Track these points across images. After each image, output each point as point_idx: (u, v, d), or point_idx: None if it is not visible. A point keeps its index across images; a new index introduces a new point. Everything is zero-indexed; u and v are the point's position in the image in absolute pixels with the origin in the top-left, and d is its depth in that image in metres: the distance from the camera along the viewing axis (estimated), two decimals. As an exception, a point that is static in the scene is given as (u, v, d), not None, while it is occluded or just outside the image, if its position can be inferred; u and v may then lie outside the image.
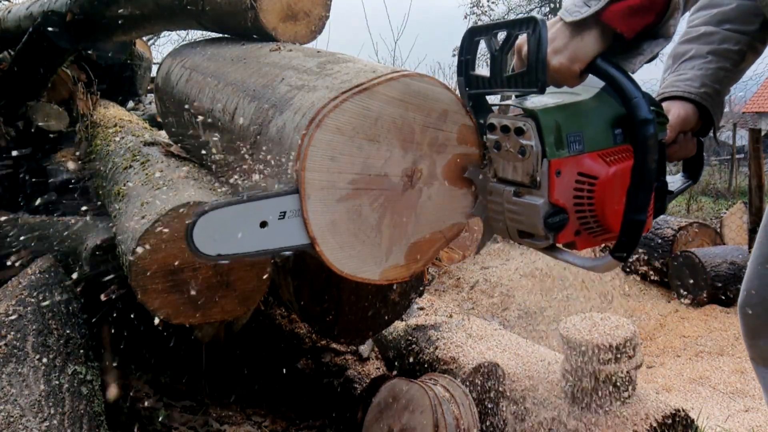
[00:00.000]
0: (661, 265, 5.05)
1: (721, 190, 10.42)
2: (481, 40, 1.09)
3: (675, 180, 1.37)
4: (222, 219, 1.02)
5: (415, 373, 2.15)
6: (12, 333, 1.55)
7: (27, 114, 3.05)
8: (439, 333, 2.23)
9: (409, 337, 2.27)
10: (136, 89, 4.09)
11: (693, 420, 1.89)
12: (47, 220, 2.31)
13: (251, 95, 1.35)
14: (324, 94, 1.08)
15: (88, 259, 1.76)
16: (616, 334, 1.86)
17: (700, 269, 4.61)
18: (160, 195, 1.47)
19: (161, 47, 11.73)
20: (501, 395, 1.95)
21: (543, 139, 1.01)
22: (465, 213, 1.18)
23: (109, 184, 1.96)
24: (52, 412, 1.41)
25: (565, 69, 1.01)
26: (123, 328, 1.67)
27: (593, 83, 1.06)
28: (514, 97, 1.12)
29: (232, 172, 1.43)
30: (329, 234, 1.06)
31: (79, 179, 2.77)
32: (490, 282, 4.71)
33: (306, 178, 1.01)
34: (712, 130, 1.37)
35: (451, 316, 2.40)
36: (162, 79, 2.08)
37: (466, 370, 1.98)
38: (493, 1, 20.33)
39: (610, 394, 1.84)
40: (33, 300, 1.66)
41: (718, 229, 5.72)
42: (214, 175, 1.66)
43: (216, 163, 1.54)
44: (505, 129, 1.06)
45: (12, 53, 3.18)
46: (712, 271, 4.55)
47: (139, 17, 2.29)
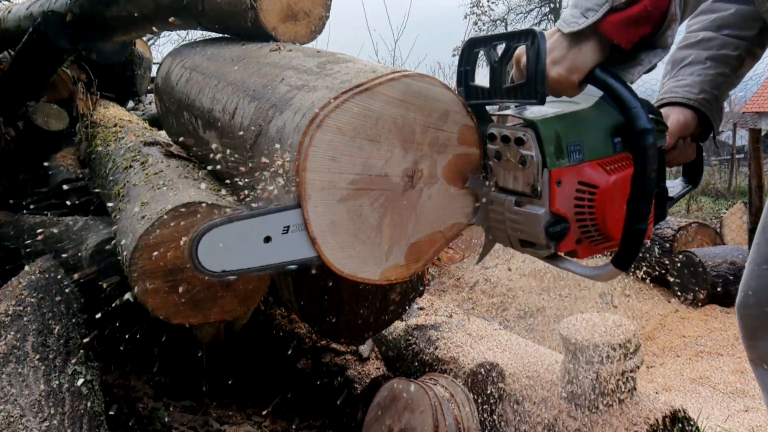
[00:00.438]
0: (661, 265, 5.05)
1: (721, 190, 10.42)
2: (481, 51, 1.09)
3: (675, 185, 1.38)
4: (225, 235, 1.03)
5: (415, 373, 2.15)
6: (12, 333, 1.54)
7: (27, 114, 3.05)
8: (439, 333, 2.23)
9: (409, 337, 2.27)
10: (136, 89, 4.09)
11: (693, 420, 1.89)
12: (47, 220, 2.31)
13: (251, 95, 1.35)
14: (324, 94, 1.08)
15: (88, 259, 1.76)
16: (616, 334, 1.86)
17: (700, 269, 4.61)
18: (160, 195, 1.47)
19: (161, 47, 11.75)
20: (501, 395, 1.95)
21: (543, 149, 1.02)
22: (465, 213, 1.18)
23: (109, 184, 1.96)
24: (52, 412, 1.41)
25: (563, 80, 1.02)
26: (123, 328, 1.66)
27: (592, 92, 1.06)
28: (513, 107, 1.12)
29: (233, 173, 1.43)
30: (329, 234, 1.05)
31: (79, 179, 2.77)
32: (490, 282, 4.70)
33: (307, 178, 1.01)
34: (712, 135, 1.37)
35: (451, 316, 2.40)
36: (162, 79, 2.07)
37: (466, 370, 1.97)
38: (493, 1, 20.36)
39: (610, 394, 1.83)
40: (33, 300, 1.66)
41: (718, 229, 5.72)
42: (214, 175, 1.66)
43: (216, 163, 1.54)
44: (505, 139, 1.07)
45: (12, 53, 3.18)
46: (712, 271, 4.55)
47: (139, 17, 2.29)
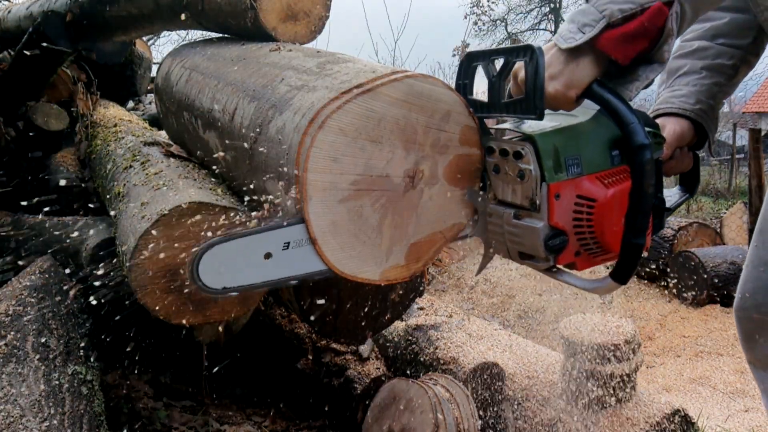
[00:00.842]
0: (661, 265, 5.05)
1: (721, 190, 10.43)
2: (479, 65, 1.09)
3: (672, 194, 1.39)
4: (226, 253, 1.03)
5: (415, 373, 2.15)
6: (12, 333, 1.54)
7: (27, 114, 3.04)
8: (439, 333, 2.23)
9: (409, 337, 2.27)
10: (136, 89, 4.08)
11: (693, 420, 1.89)
12: (47, 220, 2.31)
13: (251, 95, 1.35)
14: (324, 95, 1.08)
15: (88, 259, 1.76)
16: (616, 334, 1.86)
17: (700, 269, 4.61)
18: (161, 195, 1.47)
19: (161, 47, 11.75)
20: (501, 395, 1.95)
21: (541, 163, 1.02)
22: (465, 213, 1.18)
23: (109, 184, 1.95)
24: (52, 412, 1.41)
25: (561, 95, 1.02)
26: (123, 328, 1.66)
27: (590, 104, 1.06)
28: (511, 121, 1.12)
29: (233, 173, 1.43)
30: (330, 235, 1.05)
31: (79, 179, 2.77)
32: (490, 282, 4.70)
33: (308, 179, 1.01)
34: (707, 144, 1.38)
35: (451, 316, 2.40)
36: (162, 79, 2.07)
37: (466, 370, 1.97)
38: (493, 1, 20.39)
39: (610, 394, 1.84)
40: (33, 300, 1.66)
41: (718, 229, 5.73)
42: (214, 175, 1.66)
43: (216, 163, 1.54)
44: (503, 152, 1.07)
45: (12, 53, 3.18)
46: (712, 271, 4.55)
47: (139, 17, 2.29)
